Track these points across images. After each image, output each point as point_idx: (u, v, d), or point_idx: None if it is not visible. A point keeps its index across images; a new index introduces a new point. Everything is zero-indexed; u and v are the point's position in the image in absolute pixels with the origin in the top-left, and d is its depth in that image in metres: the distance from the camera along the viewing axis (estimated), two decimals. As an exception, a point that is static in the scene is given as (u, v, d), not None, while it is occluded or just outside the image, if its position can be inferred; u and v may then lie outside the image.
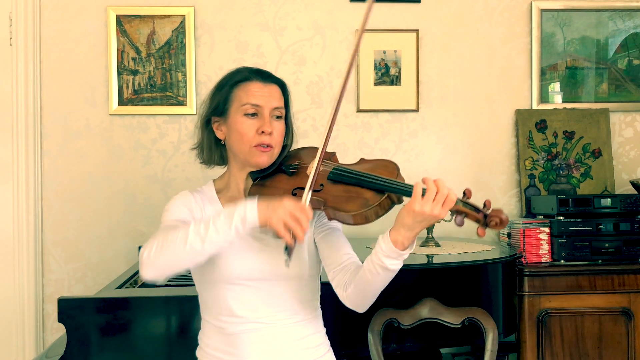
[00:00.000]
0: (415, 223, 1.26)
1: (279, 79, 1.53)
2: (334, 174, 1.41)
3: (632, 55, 3.00)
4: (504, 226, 1.27)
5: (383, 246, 1.29)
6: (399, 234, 1.27)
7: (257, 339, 1.41)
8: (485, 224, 1.27)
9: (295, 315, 1.45)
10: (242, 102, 1.45)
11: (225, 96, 1.48)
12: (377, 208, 1.33)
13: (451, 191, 1.25)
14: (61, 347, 1.80)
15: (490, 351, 1.99)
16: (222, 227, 1.25)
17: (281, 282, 1.43)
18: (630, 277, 2.48)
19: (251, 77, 1.48)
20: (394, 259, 1.29)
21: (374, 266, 1.30)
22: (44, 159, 2.82)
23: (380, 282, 1.32)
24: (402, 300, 2.03)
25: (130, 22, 2.83)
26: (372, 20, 2.89)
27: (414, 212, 1.24)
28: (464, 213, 1.28)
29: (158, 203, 2.83)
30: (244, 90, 1.46)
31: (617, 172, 2.98)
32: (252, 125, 1.44)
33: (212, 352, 1.45)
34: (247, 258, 1.42)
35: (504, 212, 1.27)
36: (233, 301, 1.41)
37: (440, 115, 2.94)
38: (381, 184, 1.34)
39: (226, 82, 1.50)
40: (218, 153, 1.53)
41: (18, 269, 2.76)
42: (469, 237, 2.90)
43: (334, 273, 1.42)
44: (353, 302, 1.39)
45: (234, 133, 1.46)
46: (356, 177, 1.38)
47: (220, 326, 1.43)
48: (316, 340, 1.49)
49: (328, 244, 1.45)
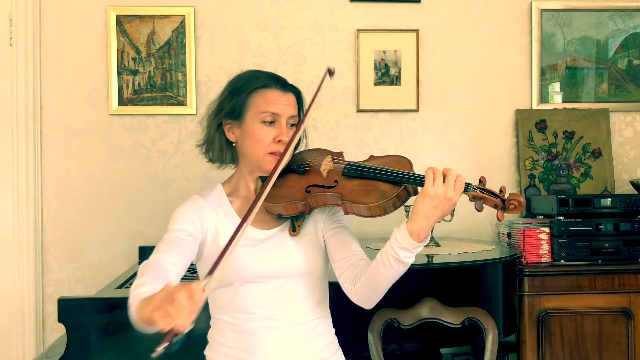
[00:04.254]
0: (431, 209, 1.28)
1: (296, 88, 1.55)
2: (349, 170, 1.44)
3: (632, 55, 3.00)
4: (522, 208, 1.32)
5: (399, 237, 1.31)
6: (415, 224, 1.29)
7: (272, 335, 1.43)
8: (504, 207, 1.32)
9: (309, 313, 1.47)
10: (261, 110, 1.46)
11: (242, 101, 1.48)
12: (395, 199, 1.36)
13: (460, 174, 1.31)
14: (61, 347, 1.80)
15: (490, 351, 2.00)
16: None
17: (296, 280, 1.46)
18: (630, 277, 2.48)
19: (270, 85, 1.49)
20: (408, 251, 1.30)
21: (387, 258, 1.32)
22: (44, 159, 2.82)
23: (391, 275, 1.34)
24: (402, 300, 2.03)
25: (130, 22, 2.83)
26: (372, 20, 2.91)
27: (429, 197, 1.28)
28: (482, 199, 1.33)
29: (158, 203, 2.84)
30: (262, 98, 1.47)
31: (617, 172, 2.98)
32: (269, 133, 1.46)
33: (225, 350, 1.46)
34: (264, 256, 1.44)
35: (521, 195, 1.32)
36: (249, 299, 1.43)
37: (440, 115, 2.94)
38: (397, 176, 1.38)
39: (243, 87, 1.50)
40: (229, 154, 1.55)
41: (18, 269, 2.76)
42: (469, 237, 2.91)
43: (342, 269, 1.44)
44: (361, 297, 1.41)
45: (249, 139, 1.47)
46: (372, 171, 1.41)
47: (235, 323, 1.45)
48: (327, 339, 1.51)
49: (337, 241, 1.48)
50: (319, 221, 1.52)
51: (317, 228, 1.51)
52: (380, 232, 2.85)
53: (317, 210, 1.51)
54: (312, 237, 1.50)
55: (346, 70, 2.91)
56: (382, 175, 1.39)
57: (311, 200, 1.43)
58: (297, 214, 1.46)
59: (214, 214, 1.49)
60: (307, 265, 1.46)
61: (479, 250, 2.41)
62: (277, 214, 1.47)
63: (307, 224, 1.51)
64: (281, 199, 1.45)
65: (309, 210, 1.45)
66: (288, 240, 1.48)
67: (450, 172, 1.30)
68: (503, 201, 1.33)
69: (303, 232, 1.49)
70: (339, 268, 1.45)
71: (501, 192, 1.34)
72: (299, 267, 1.45)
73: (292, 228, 1.49)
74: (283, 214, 1.46)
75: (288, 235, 1.48)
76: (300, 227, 1.49)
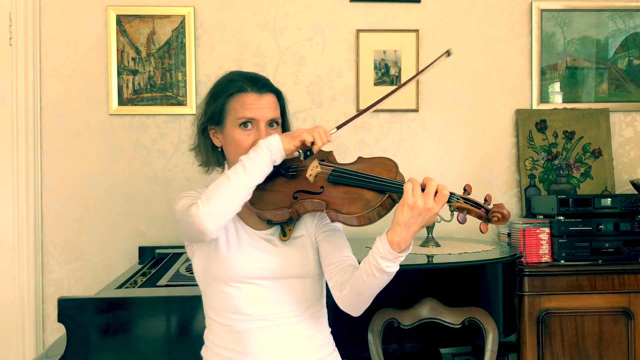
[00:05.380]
0: (411, 219, 1.25)
1: (275, 88, 1.52)
2: (334, 176, 1.41)
3: (632, 55, 2.99)
4: (506, 221, 1.26)
5: (379, 247, 1.29)
6: (395, 234, 1.27)
7: (265, 336, 1.42)
8: (488, 219, 1.27)
9: (302, 314, 1.46)
10: (238, 115, 1.45)
11: (220, 107, 1.47)
12: (379, 208, 1.32)
13: (443, 185, 1.26)
14: (61, 347, 1.80)
15: (490, 351, 2.00)
16: (257, 159, 1.36)
17: (289, 281, 1.45)
18: (630, 277, 2.48)
19: (246, 88, 1.46)
20: (390, 261, 1.29)
21: (370, 267, 1.31)
22: (44, 159, 2.82)
23: (375, 284, 1.32)
24: (402, 300, 2.03)
25: (130, 22, 2.83)
26: (372, 20, 2.91)
27: (408, 207, 1.24)
28: (465, 210, 1.27)
29: (158, 203, 2.84)
30: (239, 103, 1.46)
31: (617, 172, 2.98)
32: (248, 137, 1.45)
33: (219, 351, 1.46)
34: (256, 257, 1.44)
35: (505, 207, 1.26)
36: (241, 299, 1.43)
37: (440, 115, 2.94)
38: (382, 184, 1.34)
39: (221, 92, 1.49)
40: (215, 158, 1.55)
41: (18, 269, 2.76)
42: (469, 237, 2.90)
43: (332, 274, 1.43)
44: (347, 304, 1.40)
45: (230, 144, 1.47)
46: (356, 179, 1.37)
47: (228, 324, 1.44)
48: (322, 339, 1.51)
49: (328, 245, 1.47)
50: (310, 224, 1.51)
51: (309, 230, 1.50)
52: (380, 231, 2.83)
53: (308, 214, 1.49)
54: (305, 239, 1.49)
55: (346, 70, 2.91)
56: (366, 183, 1.35)
57: (298, 207, 1.41)
58: (286, 220, 1.44)
59: None
60: (300, 267, 1.46)
61: (479, 250, 2.41)
62: (267, 219, 1.46)
63: (299, 227, 1.50)
64: (269, 204, 1.43)
65: (297, 217, 1.44)
66: (281, 242, 1.47)
67: (430, 181, 1.25)
68: (487, 212, 1.27)
69: (295, 235, 1.48)
70: (328, 272, 1.44)
71: (486, 202, 1.28)
72: (292, 269, 1.44)
73: (283, 233, 1.47)
74: (272, 220, 1.45)
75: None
76: (291, 231, 1.48)
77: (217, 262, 1.43)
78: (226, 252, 1.43)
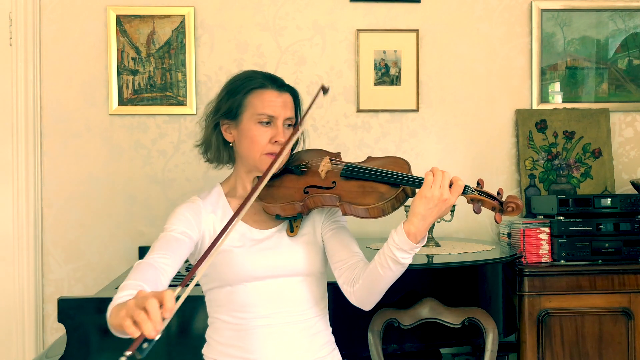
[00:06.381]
0: (427, 210, 1.30)
1: (292, 88, 1.55)
2: (347, 171, 1.44)
3: (632, 55, 2.99)
4: (520, 211, 1.33)
5: (396, 238, 1.32)
6: (412, 225, 1.31)
7: (269, 334, 1.44)
8: (502, 210, 1.33)
9: (307, 312, 1.47)
10: (257, 111, 1.47)
11: (239, 102, 1.48)
12: (394, 201, 1.36)
13: (458, 177, 1.32)
14: (61, 347, 1.80)
15: (490, 351, 1.99)
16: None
17: (294, 279, 1.47)
18: (630, 277, 2.48)
19: (266, 85, 1.49)
20: (406, 252, 1.32)
21: (385, 259, 1.34)
22: (44, 159, 2.82)
23: (389, 276, 1.36)
24: (402, 300, 2.03)
25: (130, 22, 2.83)
26: (372, 20, 2.91)
27: (425, 198, 1.29)
28: (480, 201, 1.34)
29: (158, 203, 2.84)
30: (259, 99, 1.47)
31: (617, 172, 2.98)
32: (265, 134, 1.47)
33: (223, 349, 1.47)
34: (262, 256, 1.45)
35: (519, 198, 1.35)
36: (247, 298, 1.44)
37: (440, 115, 2.94)
38: (396, 177, 1.38)
39: (240, 87, 1.50)
40: (226, 154, 1.55)
41: (18, 269, 2.76)
42: (469, 237, 2.91)
43: (341, 271, 1.45)
44: (359, 298, 1.42)
45: (246, 139, 1.48)
46: (370, 173, 1.42)
47: (233, 322, 1.45)
48: (324, 337, 1.52)
49: (336, 242, 1.49)
50: (318, 221, 1.53)
51: (316, 228, 1.52)
52: (381, 232, 2.85)
53: (316, 211, 1.51)
54: (311, 237, 1.50)
55: (346, 70, 2.91)
56: (380, 177, 1.40)
57: (309, 201, 1.43)
58: (295, 214, 1.46)
59: (213, 215, 1.50)
60: (305, 265, 1.47)
61: (479, 250, 2.41)
62: (275, 214, 1.47)
63: (306, 224, 1.51)
64: (279, 199, 1.45)
65: (307, 211, 1.46)
66: (286, 240, 1.48)
67: (445, 174, 1.31)
68: (501, 203, 1.34)
69: (301, 232, 1.50)
70: (337, 269, 1.46)
71: (499, 195, 1.35)
72: (297, 267, 1.46)
73: (290, 229, 1.49)
74: (281, 215, 1.47)
75: (286, 235, 1.49)
76: (298, 227, 1.49)
77: (223, 267, 1.44)
78: (233, 257, 1.44)
